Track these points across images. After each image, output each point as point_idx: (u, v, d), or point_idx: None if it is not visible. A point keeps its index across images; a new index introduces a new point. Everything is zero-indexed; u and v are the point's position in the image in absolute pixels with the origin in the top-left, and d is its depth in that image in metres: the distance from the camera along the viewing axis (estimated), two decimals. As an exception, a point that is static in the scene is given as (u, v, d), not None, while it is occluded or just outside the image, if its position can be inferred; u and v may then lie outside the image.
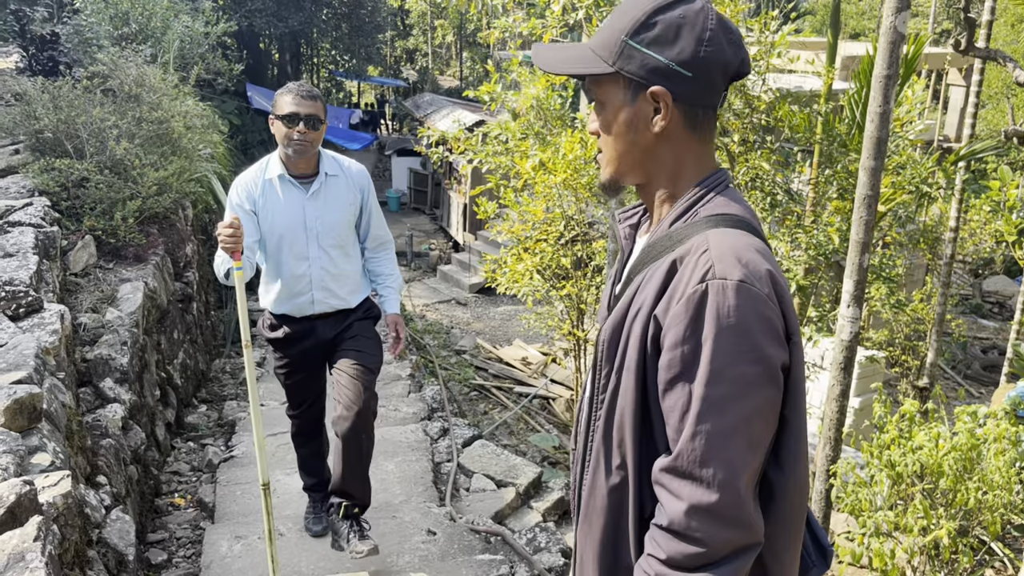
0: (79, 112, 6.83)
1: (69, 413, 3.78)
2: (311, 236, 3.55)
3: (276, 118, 3.39)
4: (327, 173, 3.55)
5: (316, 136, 3.41)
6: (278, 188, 3.51)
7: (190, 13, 13.65)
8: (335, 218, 3.58)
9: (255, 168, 3.58)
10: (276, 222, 3.52)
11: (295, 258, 3.57)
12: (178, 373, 6.73)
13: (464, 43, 30.48)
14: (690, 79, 1.27)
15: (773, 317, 1.17)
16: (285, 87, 3.45)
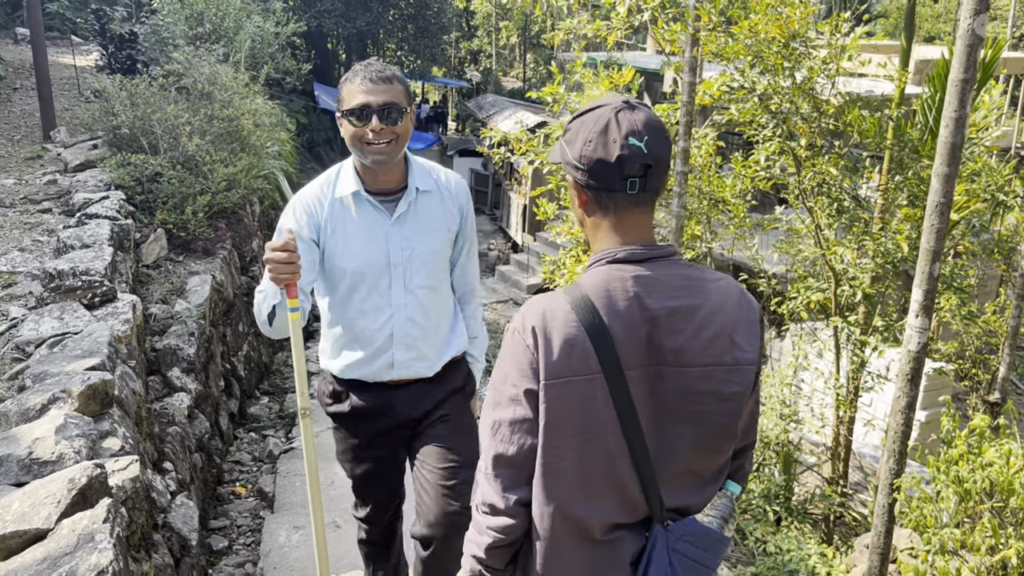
0: (154, 109, 7.05)
1: (139, 400, 3.91)
2: (396, 275, 2.51)
3: (343, 115, 2.40)
4: (418, 188, 2.53)
5: (400, 133, 2.40)
6: (352, 210, 2.49)
7: (261, 14, 13.97)
8: (428, 249, 2.55)
9: (319, 183, 2.55)
10: (349, 256, 2.48)
11: (373, 305, 2.53)
12: (242, 365, 6.89)
13: (528, 45, 30.53)
14: (584, 170, 1.56)
15: (523, 358, 1.53)
16: (351, 71, 2.45)
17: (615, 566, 1.57)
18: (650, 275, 1.56)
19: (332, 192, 2.51)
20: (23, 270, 4.93)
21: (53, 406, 3.20)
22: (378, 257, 2.50)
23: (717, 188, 7.58)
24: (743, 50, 5.98)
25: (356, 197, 2.49)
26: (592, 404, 1.52)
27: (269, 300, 2.36)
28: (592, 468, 1.54)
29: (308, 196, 2.52)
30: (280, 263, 2.20)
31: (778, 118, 6.17)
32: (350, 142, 2.40)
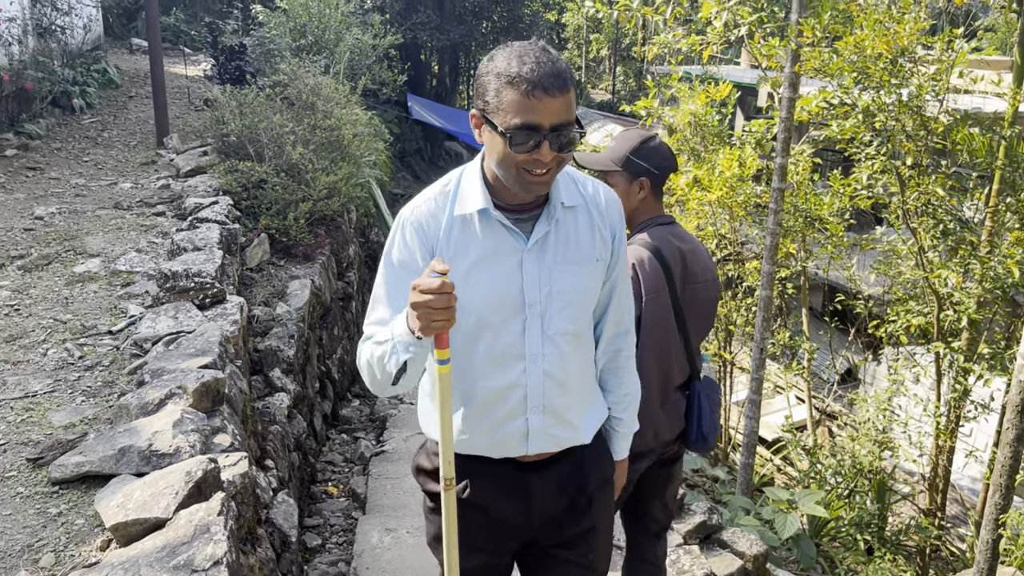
0: (261, 118, 7.34)
1: (244, 399, 4.08)
2: (532, 317, 1.93)
3: (493, 128, 1.76)
4: (563, 203, 1.94)
5: (568, 158, 1.84)
6: (478, 231, 1.90)
7: (360, 26, 14.36)
8: (574, 284, 1.96)
9: (433, 195, 1.96)
10: (474, 292, 1.89)
11: (501, 356, 1.94)
12: (336, 368, 7.09)
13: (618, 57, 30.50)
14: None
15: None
16: (506, 56, 1.74)
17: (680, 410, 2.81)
18: (677, 230, 2.76)
19: (451, 207, 1.91)
20: (140, 270, 5.20)
21: (170, 401, 3.37)
22: (510, 294, 1.90)
23: (814, 206, 7.43)
24: (847, 66, 5.87)
25: (484, 217, 1.89)
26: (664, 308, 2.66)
27: (399, 354, 1.75)
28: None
29: (420, 213, 1.92)
30: (436, 308, 1.63)
31: (882, 136, 6.02)
32: (499, 161, 1.79)
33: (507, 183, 1.84)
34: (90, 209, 6.58)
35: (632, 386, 2.22)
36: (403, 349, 1.73)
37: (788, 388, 9.97)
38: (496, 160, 1.81)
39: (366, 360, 1.87)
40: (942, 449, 6.79)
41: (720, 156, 7.53)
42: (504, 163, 1.78)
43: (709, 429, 2.85)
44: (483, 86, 1.77)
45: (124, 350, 4.11)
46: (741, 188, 7.52)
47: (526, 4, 22.62)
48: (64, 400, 3.68)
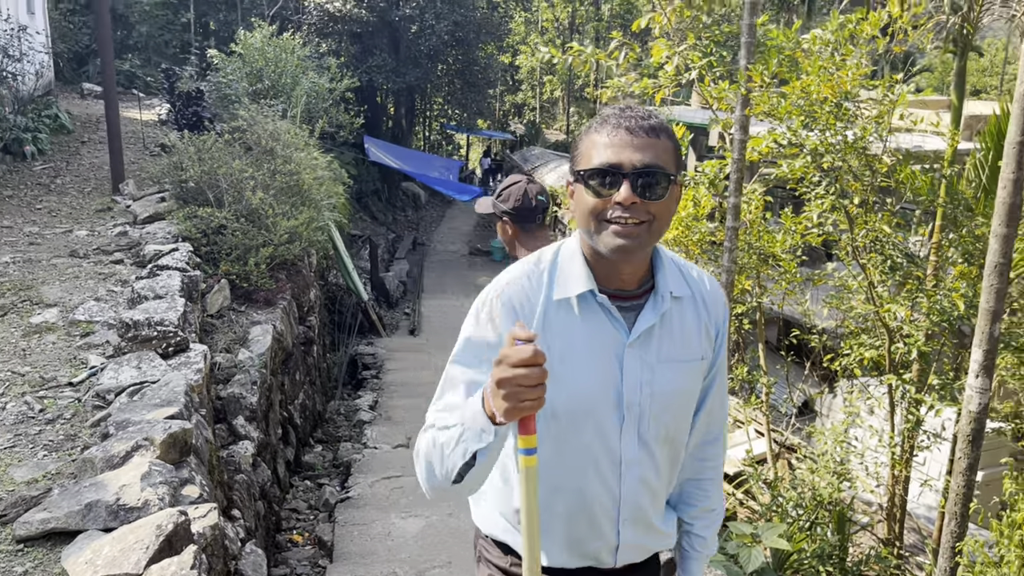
0: (220, 164, 7.34)
1: (210, 448, 4.04)
2: (630, 420, 1.72)
3: (576, 178, 1.64)
4: (672, 294, 1.73)
5: (658, 213, 1.61)
6: (577, 318, 1.69)
7: (316, 70, 14.46)
8: (676, 386, 1.76)
9: (525, 271, 1.73)
10: (568, 388, 1.67)
11: (593, 460, 1.74)
12: (298, 413, 7.03)
13: (571, 98, 31.04)
14: (514, 213, 2.96)
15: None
16: (598, 117, 1.67)
17: None
18: None
19: (548, 288, 1.68)
20: (100, 319, 5.15)
21: (136, 453, 3.34)
22: (607, 392, 1.68)
23: (767, 243, 7.63)
24: (795, 110, 6.09)
25: (585, 301, 1.67)
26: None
27: (468, 443, 1.48)
28: None
29: (513, 292, 1.68)
30: (526, 385, 1.36)
31: (831, 175, 6.24)
32: (583, 218, 1.62)
33: (592, 243, 1.63)
34: (45, 257, 6.49)
35: (718, 502, 1.98)
36: (474, 437, 1.46)
37: (748, 422, 10.10)
38: (580, 217, 1.63)
39: (424, 450, 1.58)
40: (898, 479, 6.95)
41: (675, 196, 7.70)
42: (584, 216, 1.61)
43: None
44: (574, 149, 1.67)
45: (86, 402, 4.06)
46: (696, 227, 7.69)
47: (480, 47, 22.96)
48: (25, 455, 3.62)
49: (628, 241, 1.57)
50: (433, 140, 29.38)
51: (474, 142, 32.91)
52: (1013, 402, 9.52)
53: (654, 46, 7.83)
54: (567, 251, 1.72)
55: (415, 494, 5.67)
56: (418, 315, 14.40)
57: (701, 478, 1.94)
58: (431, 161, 21.89)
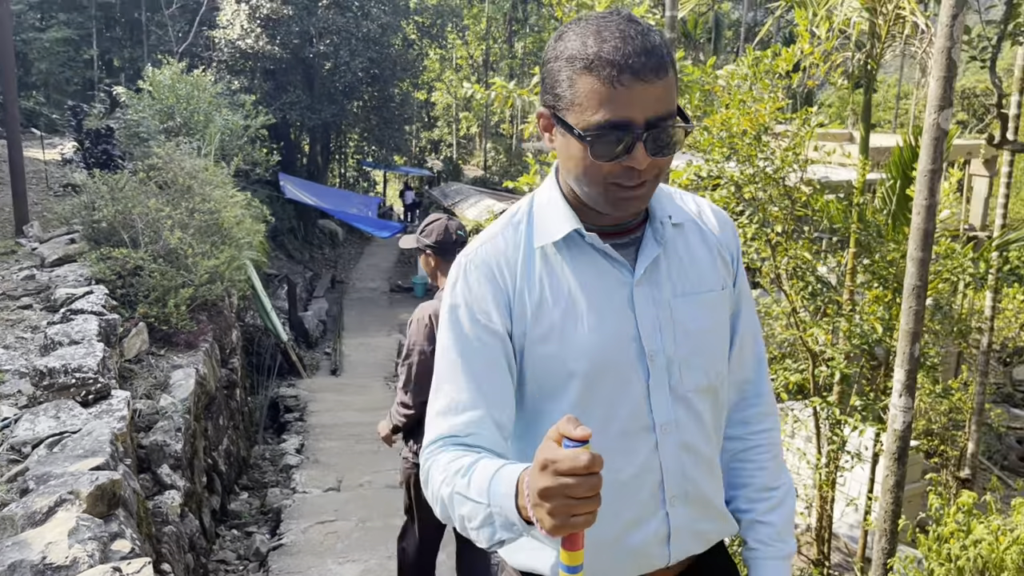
0: (135, 203, 7.09)
1: (138, 499, 3.84)
2: (657, 372, 1.43)
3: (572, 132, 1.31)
4: (670, 219, 1.48)
5: (666, 165, 1.37)
6: (567, 265, 1.44)
7: (230, 107, 14.20)
8: (702, 322, 1.48)
9: (499, 229, 1.49)
10: (573, 346, 1.41)
11: (621, 431, 1.42)
12: (223, 459, 6.77)
13: (488, 134, 31.31)
14: (437, 247, 3.70)
15: None
16: (580, 30, 1.31)
17: None
18: None
19: (527, 239, 1.44)
20: (10, 368, 4.85)
21: (60, 508, 3.14)
22: (623, 342, 1.40)
23: (691, 273, 7.79)
24: (718, 142, 6.27)
25: (572, 243, 1.42)
26: None
27: (496, 529, 1.19)
28: None
29: (486, 253, 1.44)
30: (579, 499, 1.03)
31: (753, 205, 6.43)
32: (579, 174, 1.33)
33: (590, 201, 1.37)
34: (-54, 304, 6.11)
35: (782, 478, 1.59)
36: (504, 527, 1.17)
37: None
38: (575, 173, 1.34)
39: (438, 498, 1.30)
40: (825, 499, 7.12)
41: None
42: (586, 176, 1.32)
43: None
44: (551, 75, 1.33)
45: (0, 456, 3.80)
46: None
47: (396, 84, 22.99)
48: (-66, 516, 3.36)
49: (637, 202, 1.34)
50: (349, 177, 29.15)
51: (391, 178, 32.80)
52: (925, 420, 9.92)
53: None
54: (542, 197, 1.47)
55: (351, 538, 5.51)
56: (339, 354, 14.13)
57: (750, 446, 1.57)
58: (349, 198, 21.70)
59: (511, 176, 22.71)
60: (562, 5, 7.50)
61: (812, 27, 6.76)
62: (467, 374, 1.38)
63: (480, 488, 1.19)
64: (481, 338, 1.39)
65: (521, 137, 27.00)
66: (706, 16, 24.64)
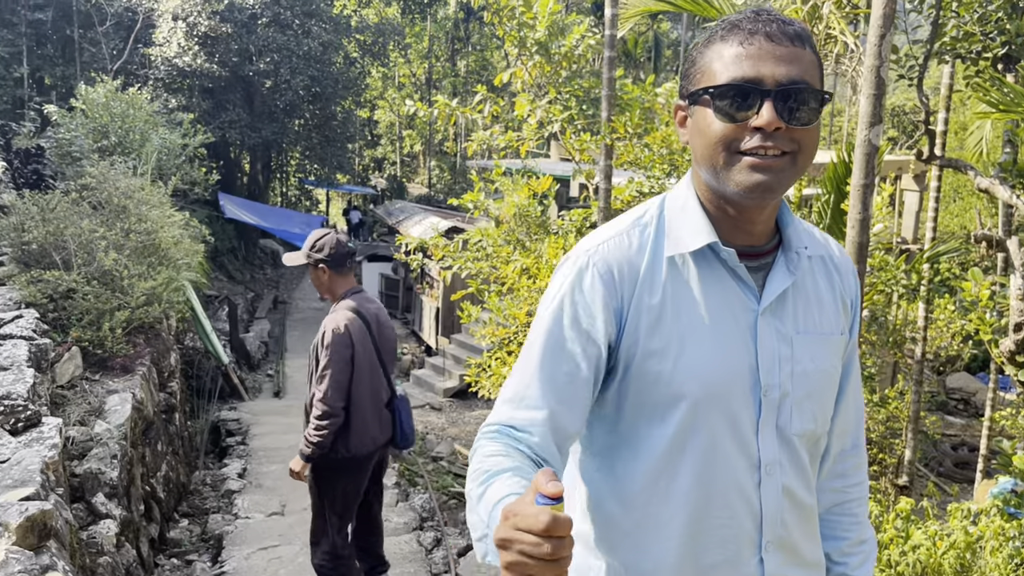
0: (67, 224, 6.88)
1: (71, 530, 3.70)
2: (768, 408, 1.35)
3: (694, 98, 1.30)
4: (805, 249, 1.40)
5: (805, 143, 1.27)
6: (695, 280, 1.34)
7: (167, 126, 13.94)
8: (820, 363, 1.40)
9: (623, 229, 1.38)
10: (689, 368, 1.32)
11: (723, 464, 1.34)
12: (161, 486, 6.57)
13: (432, 152, 31.30)
14: (330, 259, 4.02)
15: None
16: (724, 21, 1.30)
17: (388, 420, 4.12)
18: (367, 295, 4.11)
19: (654, 244, 1.34)
20: (-67, 397, 4.64)
21: (-13, 542, 3.00)
22: (739, 371, 1.32)
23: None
24: (659, 159, 6.36)
25: (704, 258, 1.33)
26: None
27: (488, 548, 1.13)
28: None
29: (608, 253, 1.34)
30: (537, 560, 0.95)
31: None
32: (705, 151, 1.27)
33: (715, 183, 1.28)
34: None
35: (870, 530, 1.55)
36: (494, 554, 1.05)
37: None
38: (701, 149, 1.28)
39: (472, 471, 1.26)
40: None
41: (545, 245, 7.85)
42: (708, 147, 1.26)
43: (409, 430, 4.13)
44: (686, 65, 1.34)
45: (-78, 489, 3.63)
46: (567, 274, 7.85)
47: (338, 102, 22.84)
48: None
49: (768, 176, 1.23)
50: (291, 196, 28.82)
51: (334, 197, 32.53)
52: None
53: (516, 100, 8.02)
54: (675, 201, 1.37)
55: (295, 563, 5.39)
56: (282, 376, 13.90)
57: (848, 499, 1.51)
58: (291, 217, 21.44)
59: (455, 194, 22.74)
60: (504, 24, 7.56)
61: (748, 46, 6.92)
62: (545, 373, 1.32)
63: (487, 506, 1.15)
64: (576, 341, 1.31)
65: (465, 155, 27.08)
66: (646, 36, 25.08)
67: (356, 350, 3.76)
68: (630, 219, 1.39)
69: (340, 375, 3.73)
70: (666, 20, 27.92)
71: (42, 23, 18.32)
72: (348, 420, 3.82)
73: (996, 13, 5.57)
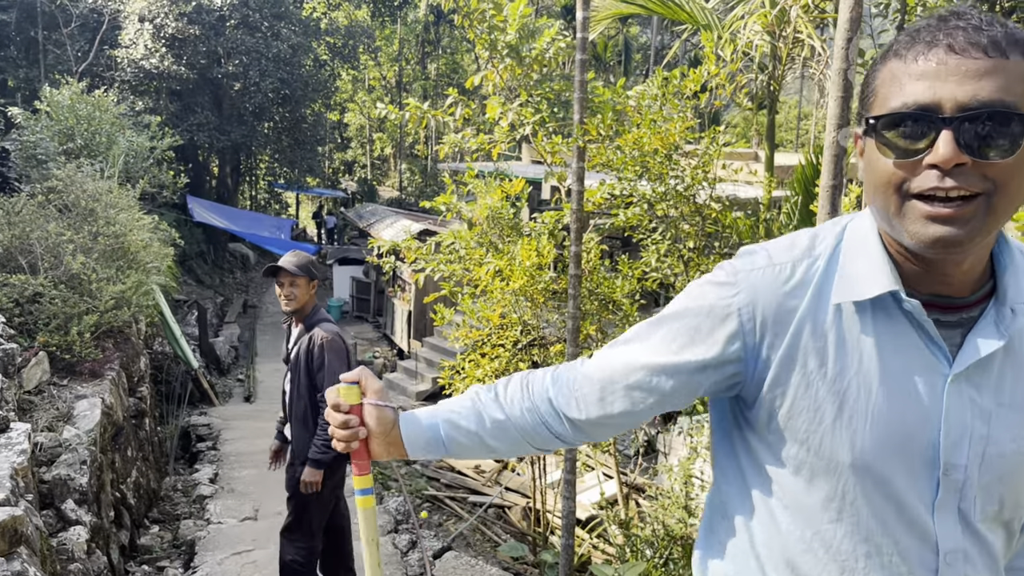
0: (34, 227, 6.78)
1: (41, 536, 3.65)
2: (948, 491, 1.11)
3: (868, 128, 1.08)
4: (1020, 305, 1.12)
5: (1000, 179, 0.99)
6: (870, 333, 1.11)
7: (134, 128, 13.78)
8: (1019, 445, 1.11)
9: (790, 258, 1.16)
10: (855, 436, 1.10)
11: (891, 550, 1.13)
12: (131, 492, 6.49)
13: (402, 155, 31.22)
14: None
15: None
16: (914, 29, 1.05)
17: None
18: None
19: (820, 285, 1.13)
20: None
21: (-44, 550, 2.96)
22: (913, 445, 1.10)
23: (608, 289, 7.91)
24: (631, 161, 6.41)
25: (881, 304, 1.11)
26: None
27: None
28: None
29: (761, 284, 1.14)
30: (337, 427, 1.36)
31: (666, 222, 6.59)
32: (875, 192, 1.08)
33: (889, 229, 1.08)
34: None
35: None
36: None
37: (599, 465, 10.33)
38: (870, 189, 1.08)
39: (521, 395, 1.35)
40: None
41: (518, 247, 7.87)
42: (877, 188, 1.06)
43: None
44: (863, 88, 1.13)
45: None
46: (540, 276, 7.87)
47: (308, 104, 22.71)
48: None
49: (951, 229, 1.00)
50: (261, 199, 28.60)
51: (304, 200, 32.32)
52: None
53: (488, 103, 8.04)
54: (857, 232, 1.14)
55: (269, 568, 5.35)
56: (253, 381, 13.78)
57: None
58: (260, 220, 21.28)
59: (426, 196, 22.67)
60: (475, 27, 7.58)
61: (718, 49, 7.00)
62: (653, 347, 1.21)
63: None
64: (686, 350, 1.18)
65: (436, 158, 27.05)
66: (616, 39, 25.24)
67: (351, 357, 4.19)
68: (804, 244, 1.16)
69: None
70: (636, 24, 28.12)
71: (5, 24, 18.02)
72: None
73: (959, 18, 5.69)
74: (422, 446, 1.37)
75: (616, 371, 1.24)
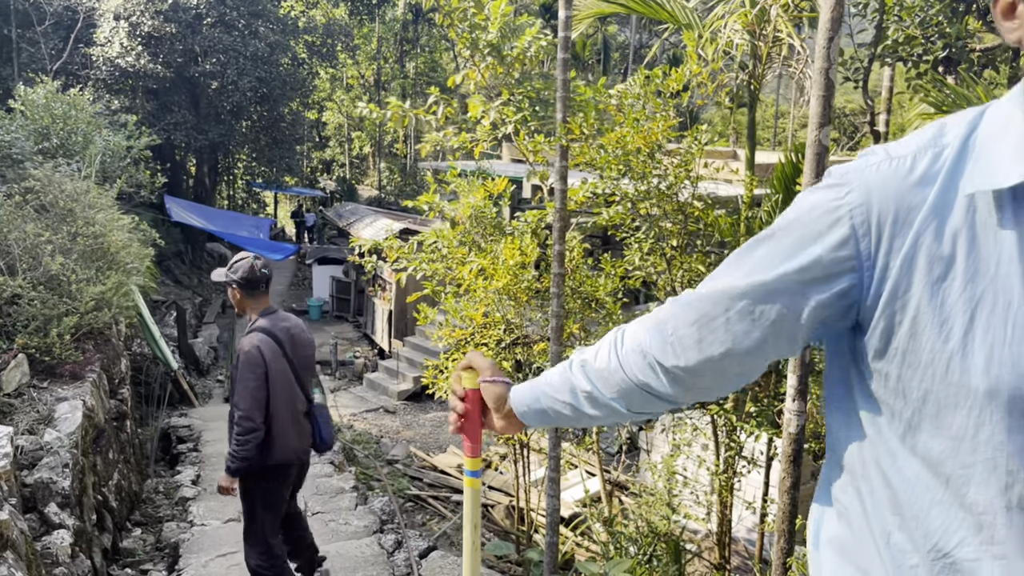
0: (11, 228, 6.70)
1: (26, 541, 3.61)
2: None
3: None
4: None
5: None
6: (1005, 229, 0.91)
7: (111, 127, 13.64)
8: None
9: (910, 151, 0.98)
10: (989, 356, 0.91)
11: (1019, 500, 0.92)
12: (113, 495, 6.44)
13: (381, 154, 31.11)
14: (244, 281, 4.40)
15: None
16: None
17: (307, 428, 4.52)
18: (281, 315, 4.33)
19: (949, 174, 0.96)
20: None
21: (-59, 555, 2.92)
22: None
23: (591, 288, 7.94)
24: (614, 160, 6.43)
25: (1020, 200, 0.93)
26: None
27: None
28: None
29: (876, 180, 0.99)
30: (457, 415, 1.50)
31: (649, 221, 6.62)
32: None
33: None
34: None
35: None
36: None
37: (582, 463, 10.37)
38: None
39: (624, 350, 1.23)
40: (725, 504, 7.34)
41: (502, 246, 7.88)
42: None
43: (327, 435, 4.51)
44: None
45: None
46: (523, 275, 7.89)
47: (286, 103, 22.57)
48: None
49: None
50: (239, 198, 28.39)
51: (282, 199, 32.12)
52: (813, 423, 10.39)
53: (470, 102, 8.04)
54: (998, 114, 0.97)
55: (255, 570, 5.32)
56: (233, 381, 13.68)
57: None
58: (239, 220, 21.11)
59: (406, 195, 22.63)
60: (455, 26, 7.57)
61: (699, 48, 7.04)
62: (751, 271, 1.08)
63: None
64: (790, 273, 1.03)
65: (416, 157, 26.99)
66: (594, 38, 25.30)
67: (269, 367, 4.07)
68: (929, 134, 0.99)
69: (257, 392, 4.04)
70: (614, 23, 28.20)
71: (-23, 22, 17.78)
72: (269, 432, 4.16)
73: (937, 17, 5.76)
74: (533, 417, 1.38)
75: (715, 303, 1.10)
